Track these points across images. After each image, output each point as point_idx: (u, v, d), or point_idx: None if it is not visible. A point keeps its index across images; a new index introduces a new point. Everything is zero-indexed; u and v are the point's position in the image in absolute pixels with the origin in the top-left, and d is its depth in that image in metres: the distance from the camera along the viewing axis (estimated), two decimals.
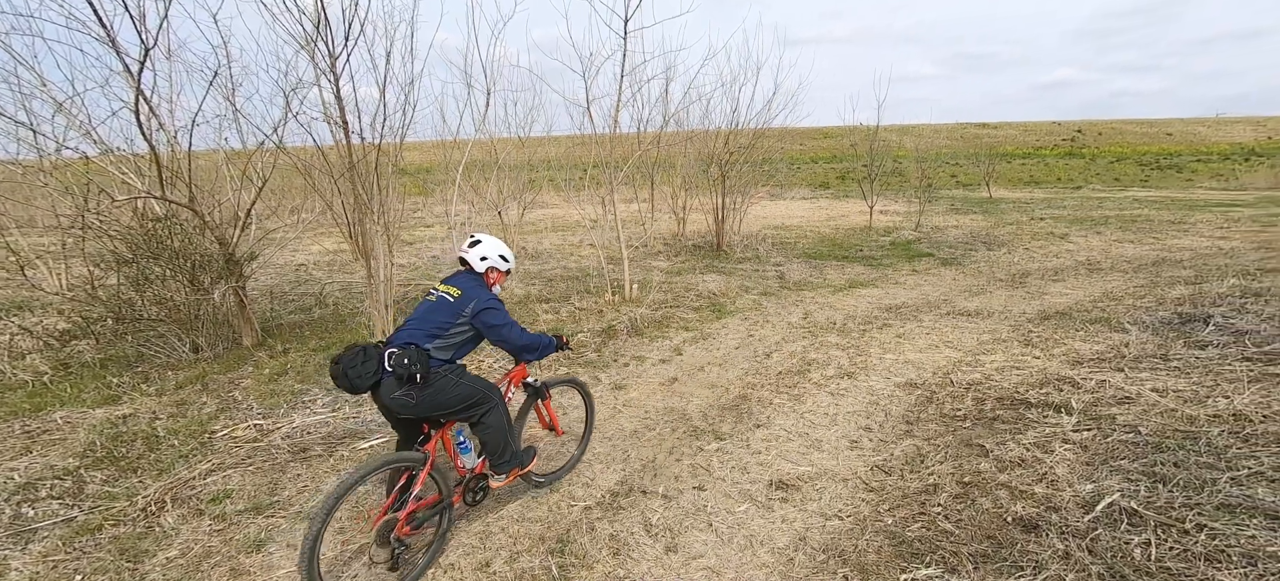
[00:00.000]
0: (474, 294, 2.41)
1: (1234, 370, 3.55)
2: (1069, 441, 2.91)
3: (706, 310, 6.59)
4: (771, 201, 21.15)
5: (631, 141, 9.50)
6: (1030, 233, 12.23)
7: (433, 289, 2.50)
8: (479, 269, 2.56)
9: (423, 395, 2.18)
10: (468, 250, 2.57)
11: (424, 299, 2.48)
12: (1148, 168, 29.55)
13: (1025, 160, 32.91)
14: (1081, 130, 39.69)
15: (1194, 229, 12.04)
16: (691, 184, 11.94)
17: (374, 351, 2.17)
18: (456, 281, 2.49)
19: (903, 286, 7.83)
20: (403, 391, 2.15)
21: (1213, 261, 8.56)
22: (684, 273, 8.82)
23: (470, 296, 2.39)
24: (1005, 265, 9.06)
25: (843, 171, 30.70)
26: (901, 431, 3.47)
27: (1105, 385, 3.65)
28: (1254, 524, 1.98)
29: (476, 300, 2.38)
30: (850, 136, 33.28)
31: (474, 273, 2.56)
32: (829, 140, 38.52)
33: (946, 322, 5.87)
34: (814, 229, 13.65)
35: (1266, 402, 2.93)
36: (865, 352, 4.97)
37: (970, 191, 24.13)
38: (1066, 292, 7.09)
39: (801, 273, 8.75)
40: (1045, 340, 5.03)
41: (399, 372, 2.12)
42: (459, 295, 2.39)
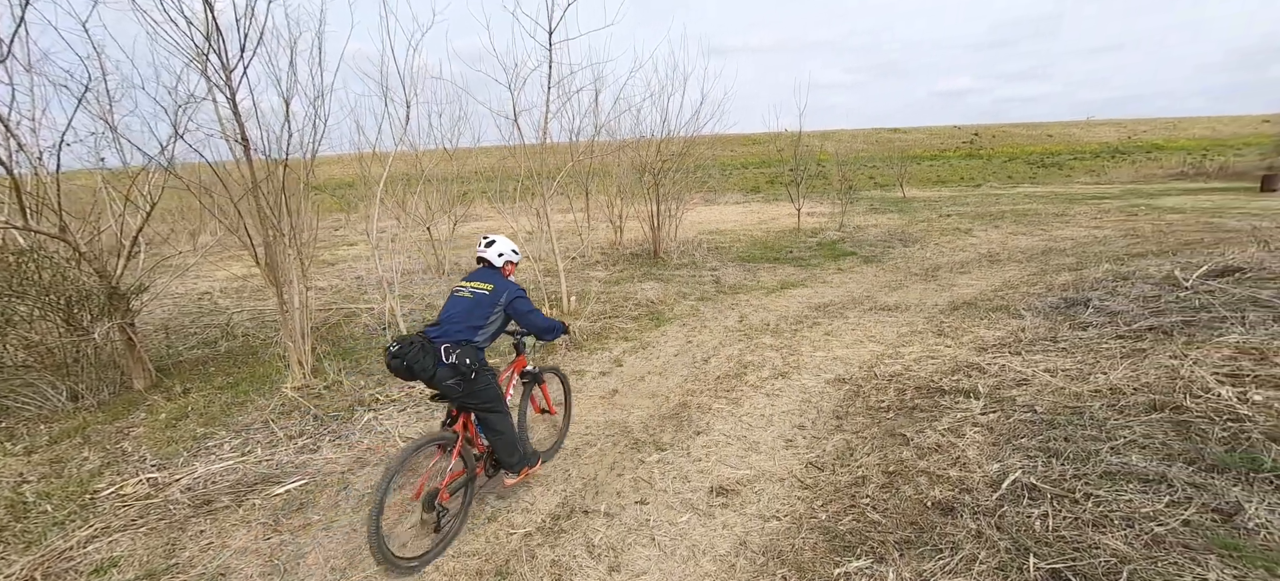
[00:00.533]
0: (503, 286, 2.81)
1: (1109, 347, 4.00)
2: (978, 424, 3.15)
3: (645, 319, 6.63)
4: (707, 206, 21.69)
5: (564, 151, 9.44)
6: (939, 229, 13.24)
7: (461, 288, 2.82)
8: (497, 264, 2.96)
9: (469, 387, 2.56)
10: (485, 250, 2.97)
11: (453, 295, 2.79)
12: (1035, 166, 32.90)
13: (932, 162, 35.71)
14: (979, 134, 43.63)
15: (1074, 220, 13.49)
16: (627, 192, 12.02)
17: (431, 346, 2.49)
18: (481, 278, 2.84)
19: (830, 285, 8.24)
20: (455, 381, 2.51)
21: (1090, 249, 9.63)
22: (623, 282, 8.84)
23: (501, 289, 2.79)
24: (919, 260, 9.75)
25: (772, 176, 32.03)
26: (832, 426, 3.63)
27: (1006, 369, 4.00)
28: (1130, 488, 2.23)
29: (507, 291, 2.80)
30: (777, 142, 34.84)
31: (493, 268, 2.94)
32: (757, 146, 40.04)
33: (870, 318, 6.22)
34: (747, 232, 14.10)
35: (1136, 376, 3.32)
36: (797, 352, 5.17)
37: (887, 192, 25.83)
38: (972, 284, 7.73)
39: (736, 276, 9.00)
40: (955, 329, 5.45)
41: (459, 368, 2.49)
42: (491, 289, 2.77)
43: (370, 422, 3.99)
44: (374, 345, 5.76)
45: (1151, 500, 2.13)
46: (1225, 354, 3.32)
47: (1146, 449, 2.49)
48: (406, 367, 2.44)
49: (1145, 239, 10.46)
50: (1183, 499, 2.10)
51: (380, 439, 3.76)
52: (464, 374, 2.50)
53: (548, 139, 7.81)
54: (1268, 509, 1.98)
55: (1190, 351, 3.49)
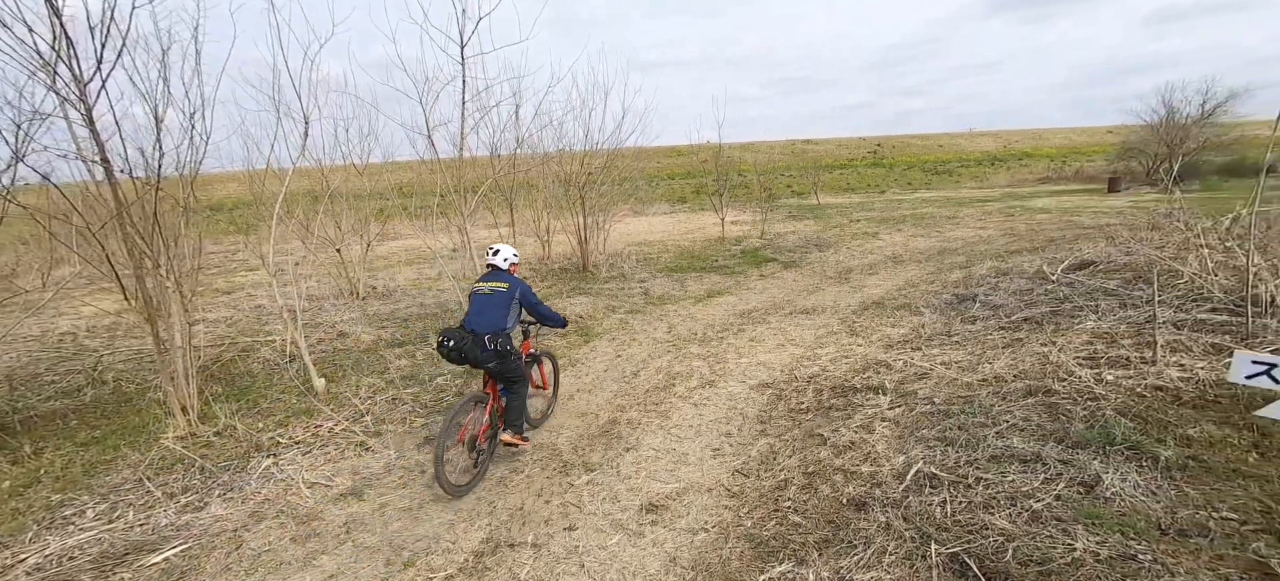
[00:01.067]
0: (514, 284, 3.59)
1: (993, 339, 4.44)
2: (886, 419, 3.37)
3: (575, 334, 6.55)
4: (636, 218, 21.92)
5: (485, 166, 9.18)
6: (850, 234, 14.18)
7: (479, 288, 3.56)
8: (503, 266, 3.70)
9: (504, 365, 3.40)
10: (493, 257, 3.74)
11: (475, 295, 3.55)
12: (929, 173, 36.19)
13: (842, 170, 38.31)
14: (881, 144, 47.41)
15: (963, 222, 14.94)
16: (554, 206, 11.90)
17: (478, 338, 3.28)
18: (495, 279, 3.60)
19: (753, 291, 8.56)
20: (496, 362, 3.34)
21: (977, 248, 10.69)
22: (551, 297, 8.69)
23: (514, 286, 3.57)
24: (833, 264, 10.37)
25: (697, 186, 32.94)
26: (757, 432, 3.74)
27: (909, 364, 4.32)
28: (1013, 469, 2.47)
29: (518, 287, 3.59)
30: (701, 153, 35.93)
31: (501, 269, 3.69)
32: (682, 157, 41.09)
33: (790, 322, 6.52)
34: (675, 243, 14.37)
35: (1015, 364, 3.70)
36: (724, 360, 5.31)
37: (803, 199, 27.35)
38: (880, 284, 8.32)
39: (665, 287, 9.13)
40: (866, 329, 5.83)
41: (500, 352, 3.31)
42: (506, 286, 3.54)
43: (269, 470, 3.63)
44: (275, 382, 5.26)
45: (1030, 479, 2.37)
46: (1084, 339, 3.79)
47: (1025, 431, 2.77)
48: (459, 355, 3.24)
49: (1021, 237, 11.78)
50: (1054, 475, 2.36)
51: (281, 487, 3.43)
52: (503, 356, 3.34)
53: (466, 154, 7.57)
54: (1120, 477, 2.26)
55: (1057, 339, 3.94)
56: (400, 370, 5.53)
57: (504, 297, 3.48)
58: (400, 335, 6.83)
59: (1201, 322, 3.71)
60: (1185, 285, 4.24)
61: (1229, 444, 2.42)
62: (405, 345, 6.36)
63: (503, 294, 3.49)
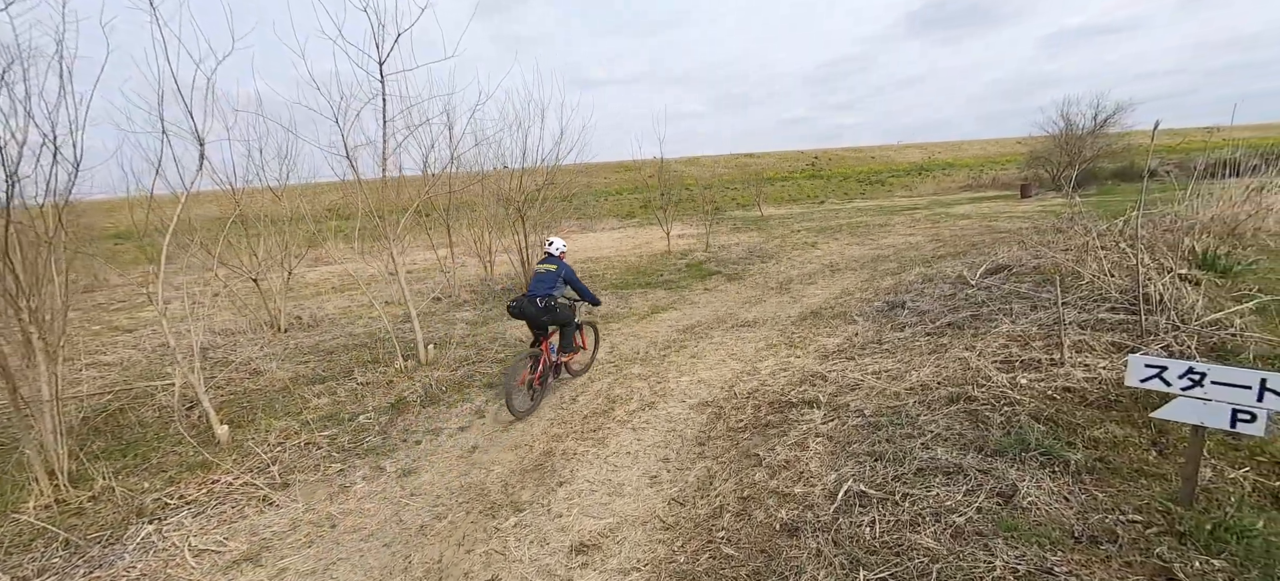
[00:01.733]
0: (562, 266, 4.92)
1: (920, 345, 4.57)
2: (820, 434, 3.36)
3: (512, 359, 6.28)
4: (583, 234, 21.74)
5: (417, 185, 8.79)
6: (791, 244, 14.56)
7: (539, 269, 4.93)
8: (556, 253, 5.02)
9: (553, 318, 4.70)
10: (549, 248, 5.06)
11: (537, 273, 4.89)
12: (864, 184, 38.06)
13: (783, 182, 39.66)
14: (818, 157, 49.51)
15: (894, 230, 15.67)
16: (497, 226, 11.57)
17: (532, 301, 4.68)
18: (549, 262, 4.95)
19: (697, 306, 8.56)
20: (546, 318, 4.66)
21: (907, 254, 11.20)
22: (491, 321, 8.37)
23: (561, 268, 4.90)
24: (774, 275, 10.57)
25: (645, 200, 33.12)
26: (695, 455, 3.65)
27: (844, 375, 4.37)
28: (937, 483, 2.48)
29: (564, 268, 4.92)
30: (648, 168, 36.28)
31: (554, 256, 5.00)
32: (630, 173, 41.31)
33: (732, 336, 6.52)
34: (621, 258, 14.29)
35: (939, 371, 3.80)
36: (664, 379, 5.21)
37: (747, 211, 28.04)
38: (818, 293, 8.52)
39: (609, 305, 8.99)
40: (804, 339, 5.91)
41: (548, 309, 4.65)
42: (555, 268, 4.87)
43: (149, 538, 3.19)
44: (169, 433, 4.71)
45: (953, 492, 2.38)
46: (1000, 343, 3.95)
47: (948, 441, 2.81)
48: (520, 312, 4.69)
49: (945, 243, 12.46)
50: (975, 487, 2.38)
51: (161, 559, 3.01)
52: (551, 311, 4.67)
53: (392, 173, 7.21)
54: (1036, 485, 2.31)
55: (976, 343, 4.09)
56: (318, 410, 5.10)
57: (553, 276, 4.85)
58: (322, 370, 6.34)
59: (1102, 322, 3.95)
60: (1087, 286, 4.54)
61: (1131, 443, 2.54)
62: (327, 381, 5.89)
63: (552, 273, 4.87)
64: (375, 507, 3.42)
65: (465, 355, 6.50)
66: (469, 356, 6.44)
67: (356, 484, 3.75)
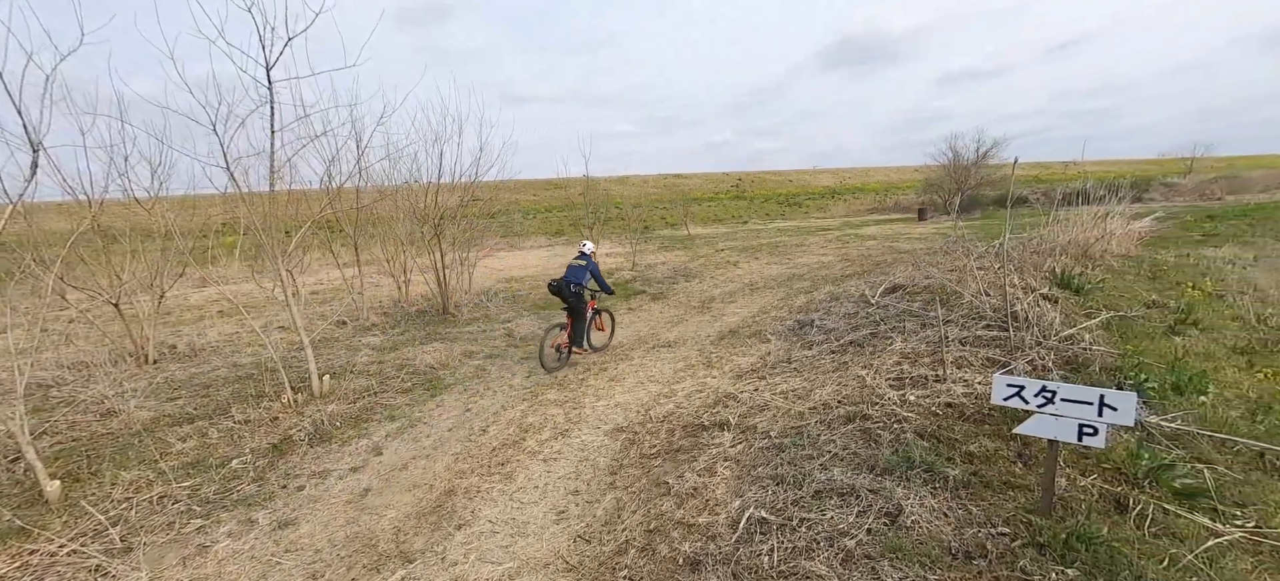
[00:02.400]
0: (590, 262, 6.27)
1: (825, 364, 4.77)
2: (728, 458, 3.36)
3: (420, 389, 5.88)
4: (510, 252, 21.15)
5: (316, 200, 8.11)
6: (715, 263, 14.94)
7: (573, 263, 6.32)
8: (588, 252, 6.43)
9: (579, 304, 6.06)
10: (583, 248, 6.52)
11: (570, 266, 6.26)
12: (783, 205, 40.15)
13: (710, 202, 40.99)
14: (742, 179, 51.75)
15: (809, 250, 16.55)
16: (413, 243, 10.96)
17: (565, 283, 6.01)
18: (580, 258, 6.34)
19: (619, 326, 8.49)
20: (575, 300, 6.02)
21: (819, 273, 11.83)
22: (401, 346, 7.83)
23: (589, 264, 6.25)
24: (697, 294, 10.76)
25: (575, 218, 32.96)
26: (606, 485, 3.53)
27: (755, 395, 4.45)
28: (832, 505, 2.53)
29: (591, 264, 6.26)
30: (578, 186, 36.14)
31: (585, 253, 6.41)
32: (559, 190, 40.99)
33: (651, 357, 6.50)
34: (547, 276, 13.89)
35: (840, 390, 3.96)
36: (580, 404, 5.07)
37: (675, 230, 28.61)
38: (737, 312, 8.74)
39: (530, 326, 8.71)
40: (720, 359, 5.99)
41: (577, 294, 6.04)
42: (584, 263, 6.24)
43: None
44: None
45: (846, 514, 2.43)
46: (894, 360, 4.19)
47: (844, 461, 2.89)
48: (557, 291, 6.03)
49: (853, 262, 13.31)
50: (866, 508, 2.45)
51: None
52: (578, 295, 6.01)
53: (285, 186, 6.62)
54: (919, 502, 2.41)
55: (873, 361, 4.32)
56: (182, 456, 4.47)
57: (583, 269, 6.21)
58: (193, 408, 5.60)
59: (979, 339, 4.32)
60: (966, 305, 4.96)
61: (1001, 456, 2.74)
62: (197, 420, 5.20)
63: (582, 266, 6.25)
64: (238, 570, 3.00)
65: (367, 385, 6.00)
66: (371, 386, 5.95)
67: (219, 542, 3.28)
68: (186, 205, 9.28)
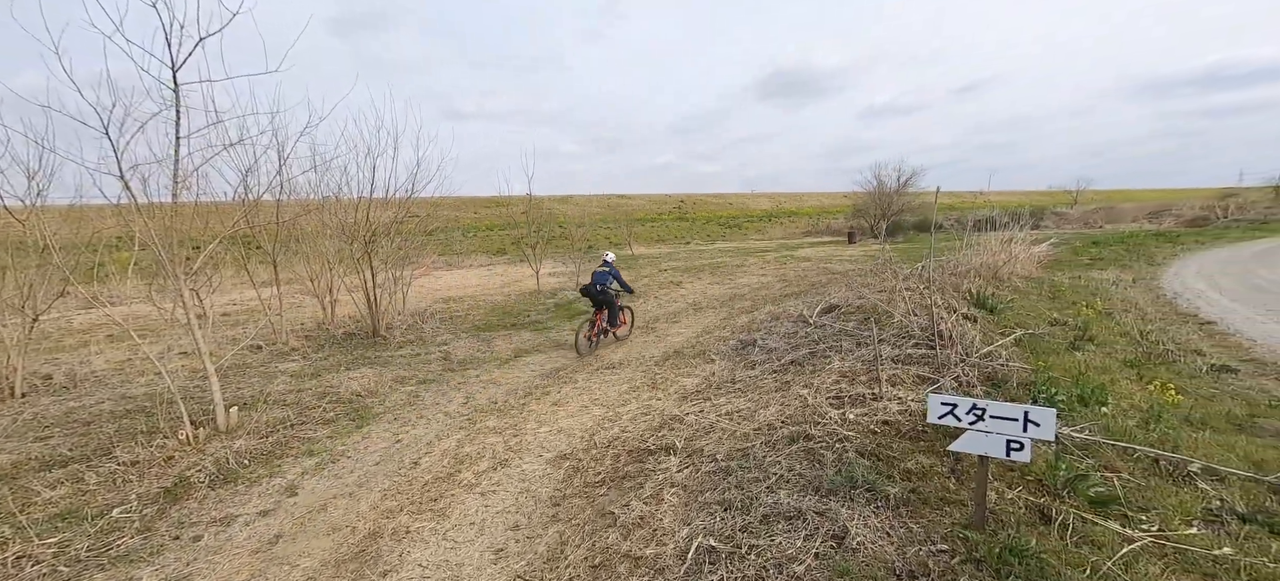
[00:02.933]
0: (612, 268, 8.03)
1: (767, 384, 4.83)
2: (675, 485, 3.29)
3: (344, 419, 5.43)
4: (448, 271, 20.36)
5: (228, 214, 7.43)
6: (659, 282, 15.04)
7: (599, 269, 8.01)
8: (610, 261, 8.18)
9: (604, 298, 7.77)
10: (607, 257, 8.30)
11: (596, 272, 7.89)
12: (724, 227, 41.31)
13: (653, 222, 41.51)
14: (684, 201, 52.88)
15: (750, 270, 17.01)
16: (342, 262, 10.29)
17: (594, 285, 7.75)
18: (604, 265, 8.04)
19: (562, 349, 8.30)
20: (603, 297, 7.75)
21: (760, 293, 12.15)
22: (325, 372, 7.25)
23: (611, 269, 8.01)
24: (642, 313, 10.73)
25: (517, 237, 32.29)
26: (548, 518, 3.35)
27: (701, 417, 4.42)
28: (780, 529, 2.51)
29: (613, 270, 8.01)
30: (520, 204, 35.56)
31: (609, 262, 8.14)
32: (501, 208, 40.14)
33: (596, 379, 6.37)
34: (487, 297, 13.54)
35: (783, 410, 4.01)
36: (521, 431, 4.85)
37: (619, 250, 28.69)
38: (681, 332, 8.77)
39: (468, 349, 8.34)
40: (665, 380, 5.95)
41: (605, 293, 7.77)
42: (607, 269, 7.97)
43: None
44: None
45: (793, 538, 2.42)
46: (833, 379, 4.31)
47: (790, 483, 2.90)
48: (589, 293, 7.73)
49: (791, 283, 13.79)
50: (813, 531, 2.45)
51: None
52: (605, 294, 7.68)
53: (189, 198, 6.03)
54: (863, 523, 2.44)
55: (813, 380, 4.42)
56: (49, 506, 3.85)
57: (607, 273, 7.79)
58: (68, 449, 4.88)
59: (909, 357, 4.53)
60: (897, 324, 5.21)
61: (935, 472, 2.84)
62: (71, 463, 4.52)
63: (607, 271, 7.82)
64: None
65: (282, 416, 5.47)
66: (287, 418, 5.44)
67: None
68: (72, 216, 8.24)
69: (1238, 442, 3.36)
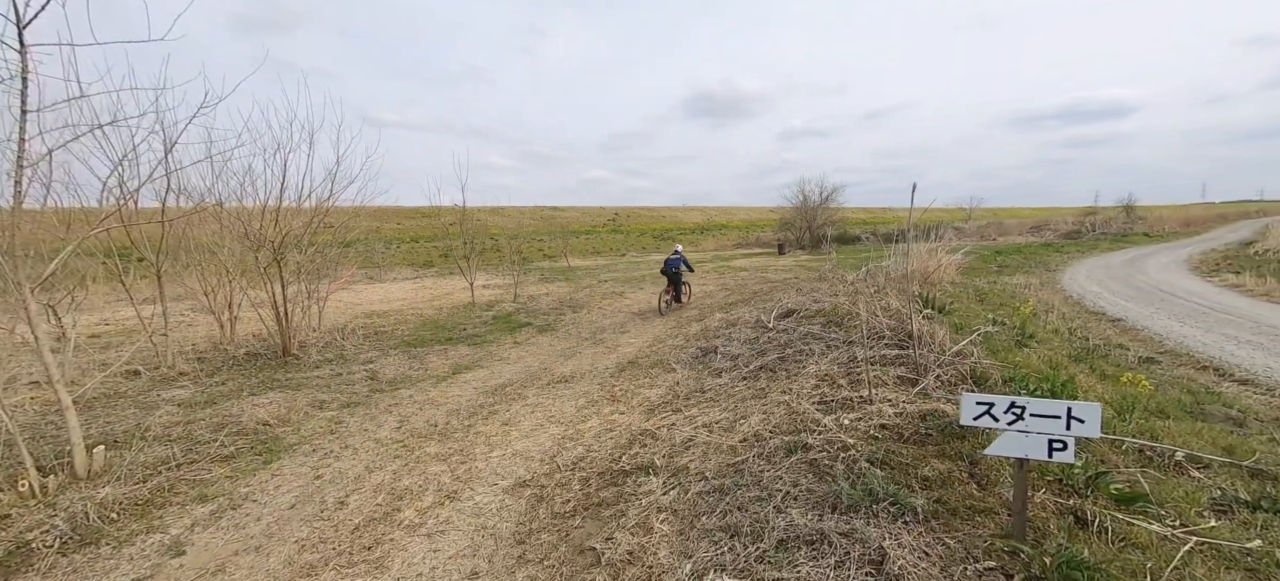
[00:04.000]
0: (681, 255, 11.60)
1: (740, 391, 4.56)
2: (663, 509, 2.88)
3: (248, 454, 4.55)
4: (369, 286, 18.73)
5: (98, 214, 6.19)
6: (600, 293, 14.58)
7: (672, 255, 11.61)
8: (680, 251, 11.82)
9: (676, 275, 11.24)
10: (677, 248, 12.09)
11: (669, 259, 11.41)
12: (658, 239, 41.57)
13: (587, 235, 41.00)
14: (618, 214, 52.86)
15: (690, 279, 16.93)
16: (246, 273, 9.01)
17: (673, 266, 11.26)
18: (675, 253, 11.62)
19: (507, 362, 7.66)
20: (677, 274, 11.24)
21: (705, 302, 12.03)
22: (222, 399, 6.16)
23: (681, 256, 11.55)
24: (587, 325, 10.25)
25: (445, 249, 30.70)
26: (513, 561, 2.83)
27: (674, 430, 4.05)
28: (802, 557, 2.19)
29: (683, 258, 11.55)
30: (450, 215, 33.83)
31: (679, 251, 11.80)
32: (427, 219, 38.08)
33: (548, 394, 5.83)
34: (416, 311, 12.46)
35: (767, 418, 3.74)
36: (470, 457, 4.24)
37: (554, 262, 27.93)
38: (632, 342, 8.39)
39: (399, 367, 7.48)
40: (625, 393, 5.53)
41: (678, 273, 11.29)
42: (677, 256, 11.49)
43: None
44: None
45: (821, 567, 2.10)
46: (812, 383, 4.11)
47: (799, 501, 2.59)
48: (666, 271, 11.34)
49: (734, 291, 13.85)
50: (843, 556, 2.14)
51: None
52: (679, 273, 11.22)
53: (41, 193, 4.94)
54: (897, 543, 2.17)
55: (791, 385, 4.20)
56: None
57: (678, 260, 11.14)
58: None
59: (885, 357, 4.44)
60: (865, 326, 5.15)
61: (955, 478, 2.65)
62: None
63: (677, 258, 11.19)
64: None
65: (166, 454, 4.49)
66: (171, 456, 4.46)
67: None
68: None
69: (1200, 429, 3.48)
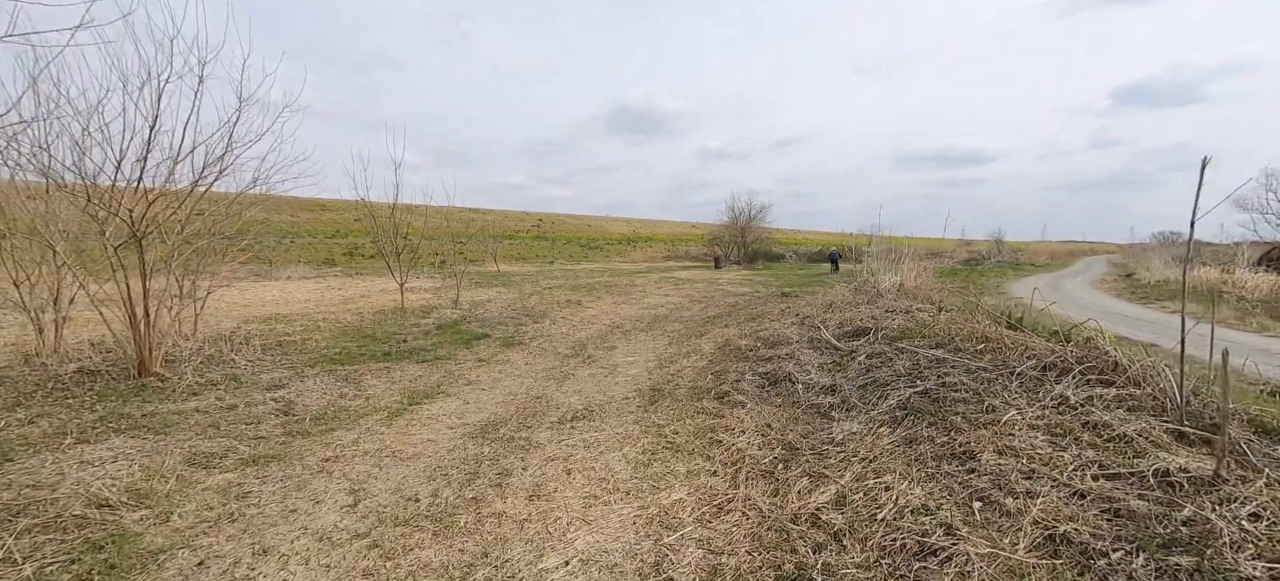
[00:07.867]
0: (838, 251, 27.73)
1: (886, 444, 3.28)
2: None
3: (85, 556, 2.46)
4: (256, 282, 15.33)
5: None
6: (553, 302, 12.78)
7: (831, 249, 30.39)
8: (835, 248, 28.07)
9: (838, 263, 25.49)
10: (831, 249, 29.28)
11: (828, 252, 29.49)
12: (586, 248, 39.95)
13: (511, 240, 38.34)
14: (542, 220, 50.44)
15: (645, 290, 15.60)
16: (88, 264, 6.38)
17: (834, 254, 27.33)
18: (833, 248, 29.33)
19: (479, 386, 5.81)
20: (836, 260, 26.55)
21: (683, 314, 10.78)
22: (22, 451, 3.79)
23: (838, 251, 27.78)
24: (561, 338, 8.55)
25: (350, 246, 26.86)
26: None
27: (851, 514, 2.66)
28: None
29: (838, 252, 27.67)
30: (354, 211, 29.72)
31: (834, 248, 27.52)
32: (327, 214, 33.42)
33: (571, 440, 4.18)
34: (331, 316, 9.89)
35: (1059, 509, 2.47)
36: (500, 563, 2.54)
37: (479, 266, 25.36)
38: (631, 361, 6.88)
39: (325, 393, 5.36)
40: (689, 439, 4.04)
41: (838, 256, 26.77)
42: (836, 251, 27.95)
43: None
44: None
45: None
46: (1044, 443, 2.88)
47: None
48: (827, 257, 28.69)
49: (707, 304, 12.73)
50: None
51: None
52: (837, 257, 26.77)
53: None
54: None
55: (1003, 442, 2.98)
56: None
57: (836, 252, 27.12)
58: None
59: (1103, 398, 3.32)
60: (1020, 349, 4.06)
61: None
62: None
63: (836, 251, 27.45)
64: None
65: None
66: None
67: None
68: None
69: None
